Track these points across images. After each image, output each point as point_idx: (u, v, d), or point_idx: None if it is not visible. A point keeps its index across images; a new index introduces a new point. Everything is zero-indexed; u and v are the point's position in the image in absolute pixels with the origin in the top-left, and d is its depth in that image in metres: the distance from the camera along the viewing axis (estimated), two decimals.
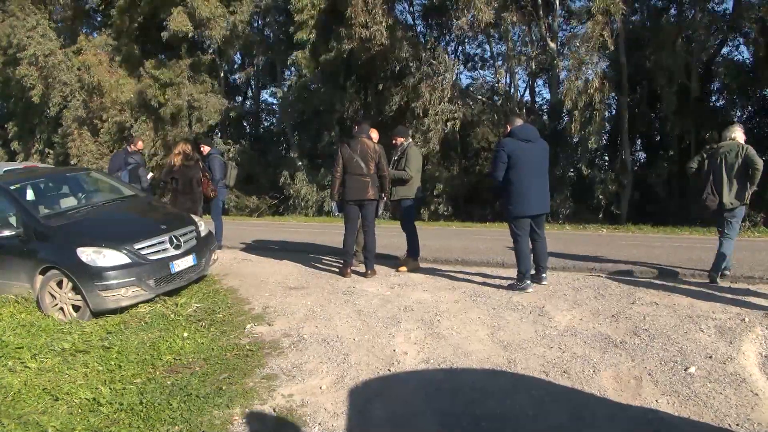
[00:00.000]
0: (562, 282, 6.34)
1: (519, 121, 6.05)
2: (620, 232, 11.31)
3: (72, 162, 22.28)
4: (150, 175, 9.80)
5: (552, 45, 17.36)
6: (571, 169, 17.81)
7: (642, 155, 20.72)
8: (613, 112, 18.42)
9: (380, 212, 7.03)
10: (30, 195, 6.79)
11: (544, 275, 6.22)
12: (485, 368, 4.10)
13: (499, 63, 20.56)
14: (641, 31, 17.53)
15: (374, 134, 7.09)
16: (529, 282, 5.97)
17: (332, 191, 6.93)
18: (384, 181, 6.80)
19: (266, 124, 27.15)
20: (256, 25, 23.13)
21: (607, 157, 19.23)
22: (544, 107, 21.24)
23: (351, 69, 19.61)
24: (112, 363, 4.45)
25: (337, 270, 7.26)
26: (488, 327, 4.94)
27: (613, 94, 17.36)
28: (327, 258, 8.30)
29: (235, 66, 25.36)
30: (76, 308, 5.72)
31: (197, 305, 5.88)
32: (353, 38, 17.23)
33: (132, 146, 9.42)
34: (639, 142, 20.57)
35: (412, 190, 7.05)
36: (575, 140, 16.82)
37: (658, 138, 19.86)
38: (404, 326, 5.05)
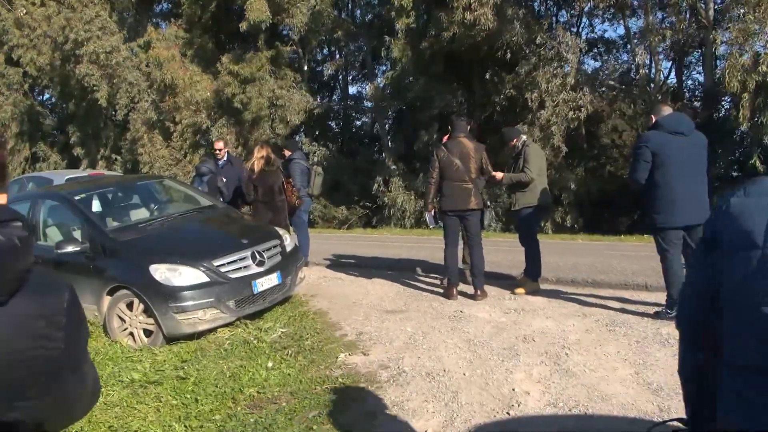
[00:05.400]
0: None
1: (667, 110, 5.79)
2: None
3: (143, 169, 23.14)
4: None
5: (705, 14, 16.48)
6: (736, 167, 16.78)
7: None
8: None
9: (486, 223, 6.93)
10: (96, 206, 7.17)
11: None
12: (629, 416, 3.92)
13: (635, 40, 19.80)
14: None
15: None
16: None
17: (426, 200, 6.96)
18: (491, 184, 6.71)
19: (356, 123, 27.56)
20: (342, 10, 23.51)
21: None
22: (696, 92, 20.25)
23: (452, 58, 19.59)
24: (188, 396, 4.58)
25: (441, 291, 7.25)
26: (631, 364, 4.73)
27: None
28: (428, 277, 8.30)
29: (321, 58, 25.87)
30: (147, 333, 5.92)
31: (282, 330, 6.05)
32: (454, 23, 17.23)
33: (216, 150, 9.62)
34: None
35: (536, 196, 6.87)
36: (742, 131, 15.82)
37: None
38: (524, 360, 4.94)
